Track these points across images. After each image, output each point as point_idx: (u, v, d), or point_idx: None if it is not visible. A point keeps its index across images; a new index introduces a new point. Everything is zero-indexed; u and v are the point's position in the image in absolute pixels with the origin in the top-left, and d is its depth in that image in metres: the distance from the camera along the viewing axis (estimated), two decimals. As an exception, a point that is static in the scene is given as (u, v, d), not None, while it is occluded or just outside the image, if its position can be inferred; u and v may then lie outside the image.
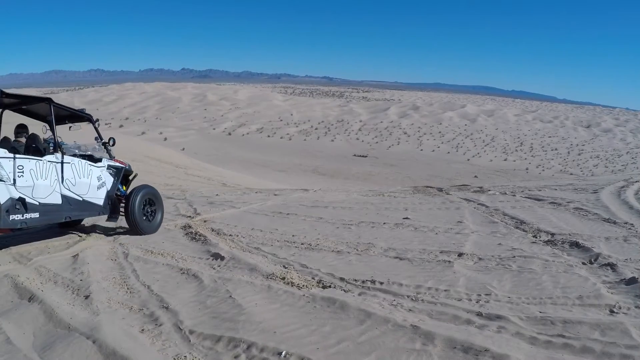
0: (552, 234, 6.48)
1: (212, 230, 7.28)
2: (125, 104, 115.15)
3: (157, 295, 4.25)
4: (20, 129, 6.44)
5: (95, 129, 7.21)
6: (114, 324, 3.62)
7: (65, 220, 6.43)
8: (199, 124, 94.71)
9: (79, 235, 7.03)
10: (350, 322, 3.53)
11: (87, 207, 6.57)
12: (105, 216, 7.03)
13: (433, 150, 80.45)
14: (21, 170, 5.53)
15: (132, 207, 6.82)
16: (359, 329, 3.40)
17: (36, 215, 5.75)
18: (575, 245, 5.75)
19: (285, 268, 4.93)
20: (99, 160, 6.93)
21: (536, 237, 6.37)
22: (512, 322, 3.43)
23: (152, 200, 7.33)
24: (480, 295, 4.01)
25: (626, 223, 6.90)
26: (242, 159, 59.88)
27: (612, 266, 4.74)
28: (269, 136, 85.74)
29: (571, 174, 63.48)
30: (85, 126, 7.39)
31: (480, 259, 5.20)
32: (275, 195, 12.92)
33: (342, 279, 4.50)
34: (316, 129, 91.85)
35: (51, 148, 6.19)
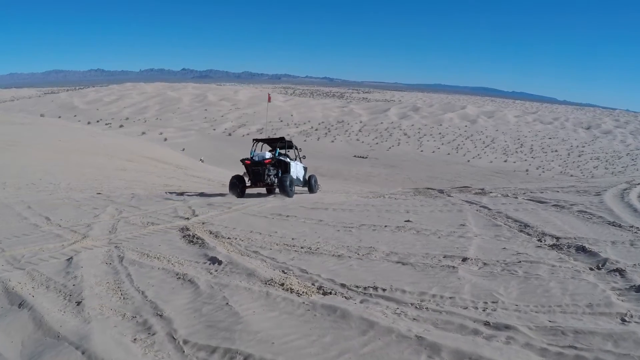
0: (557, 238, 6.34)
1: (210, 233, 7.14)
2: (125, 104, 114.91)
3: (151, 301, 4.10)
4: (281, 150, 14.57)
5: (296, 150, 15.06)
6: (105, 333, 3.47)
7: (295, 185, 13.37)
8: (199, 124, 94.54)
9: (75, 240, 6.90)
10: (352, 332, 3.37)
11: (299, 182, 14.31)
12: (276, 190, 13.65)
13: (433, 152, 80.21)
14: (291, 167, 13.55)
15: (311, 183, 14.74)
16: (362, 340, 3.25)
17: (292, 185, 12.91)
18: (581, 249, 5.61)
19: (285, 273, 4.76)
20: (299, 162, 15.02)
21: (541, 241, 6.22)
22: (521, 332, 3.28)
23: (316, 180, 15.21)
24: (486, 303, 3.86)
25: (632, 227, 6.75)
26: (243, 160, 59.41)
27: (620, 272, 4.60)
28: (269, 136, 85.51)
29: (571, 175, 63.26)
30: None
31: (485, 264, 5.05)
32: (274, 196, 12.82)
33: (343, 285, 4.34)
34: (316, 129, 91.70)
35: (293, 159, 14.67)
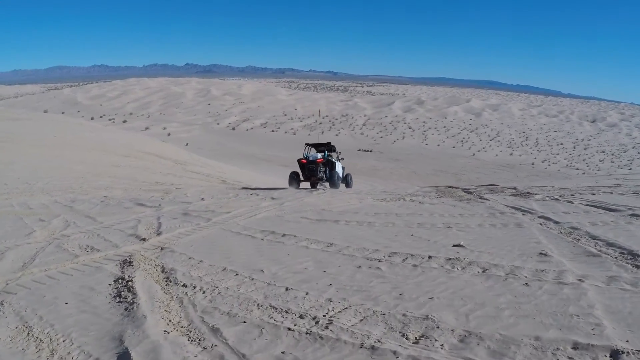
0: None
1: (162, 272, 4.64)
2: (128, 99, 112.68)
3: None
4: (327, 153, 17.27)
5: (337, 153, 17.75)
6: None
7: (339, 181, 16.68)
8: (203, 119, 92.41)
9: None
10: None
11: (340, 178, 16.73)
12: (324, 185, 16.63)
13: (438, 145, 77.74)
14: (337, 165, 16.56)
15: (347, 180, 17.64)
16: None
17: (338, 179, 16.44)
18: None
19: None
20: (340, 162, 17.45)
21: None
22: None
23: (352, 177, 18.29)
24: None
25: None
26: (246, 154, 57.38)
27: None
28: (273, 131, 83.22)
29: (577, 169, 60.87)
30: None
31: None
32: (272, 199, 10.26)
33: None
34: (320, 123, 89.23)
35: (337, 159, 17.47)
